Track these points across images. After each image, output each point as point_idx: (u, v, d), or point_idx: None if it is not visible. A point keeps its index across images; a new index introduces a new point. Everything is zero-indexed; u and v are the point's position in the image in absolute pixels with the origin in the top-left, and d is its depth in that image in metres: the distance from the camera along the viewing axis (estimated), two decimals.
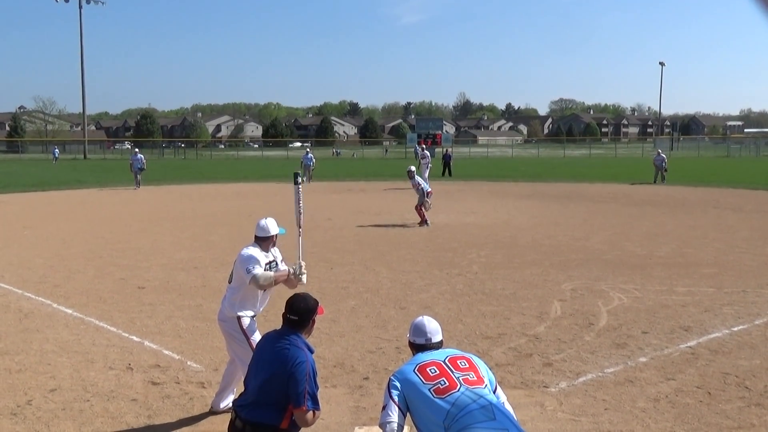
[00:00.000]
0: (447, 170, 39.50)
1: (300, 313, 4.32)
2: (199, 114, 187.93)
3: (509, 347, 7.87)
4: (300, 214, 6.09)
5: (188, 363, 7.39)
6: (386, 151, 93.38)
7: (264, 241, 6.07)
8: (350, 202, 25.45)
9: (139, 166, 32.06)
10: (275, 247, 6.22)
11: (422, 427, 3.83)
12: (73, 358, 7.54)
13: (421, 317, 4.33)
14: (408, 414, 3.92)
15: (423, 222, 18.43)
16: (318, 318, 4.45)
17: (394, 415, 3.84)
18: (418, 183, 18.86)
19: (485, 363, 4.14)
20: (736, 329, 8.48)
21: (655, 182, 33.85)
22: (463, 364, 3.95)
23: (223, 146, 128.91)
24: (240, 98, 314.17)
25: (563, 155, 77.20)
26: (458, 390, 3.79)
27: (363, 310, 9.56)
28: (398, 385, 3.92)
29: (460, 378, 3.85)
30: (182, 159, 76.68)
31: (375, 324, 8.89)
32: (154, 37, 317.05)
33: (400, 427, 3.84)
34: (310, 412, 4.12)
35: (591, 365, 7.23)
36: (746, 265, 12.74)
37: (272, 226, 6.11)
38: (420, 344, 4.19)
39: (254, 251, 5.96)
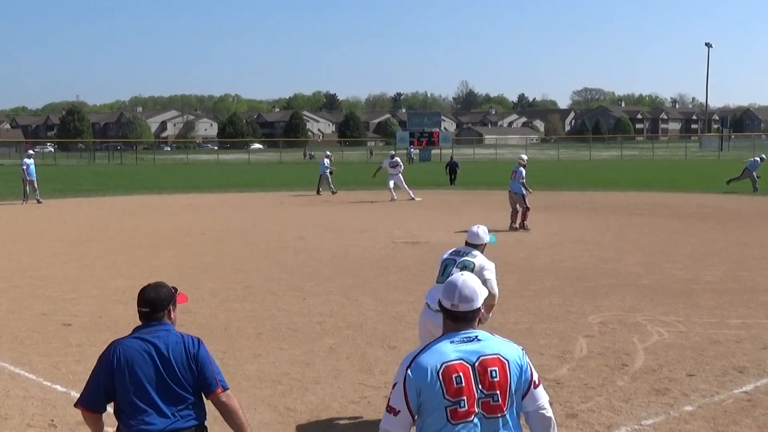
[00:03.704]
0: (453, 179, 40.34)
1: (150, 303, 4.59)
2: (140, 109, 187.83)
3: None
4: None
5: None
6: (371, 153, 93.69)
7: (476, 248, 7.48)
8: (327, 217, 25.47)
9: (32, 176, 31.34)
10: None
11: None
12: None
13: (457, 275, 4.23)
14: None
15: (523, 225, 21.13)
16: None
17: (405, 425, 3.88)
18: (522, 175, 21.37)
19: (524, 358, 4.03)
20: None
21: (756, 190, 33.00)
22: (494, 374, 3.88)
23: (169, 148, 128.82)
24: (190, 89, 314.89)
25: (589, 157, 77.65)
26: (472, 420, 3.81)
27: (343, 351, 9.54)
28: (417, 387, 3.87)
29: (481, 401, 3.84)
30: (119, 164, 76.51)
31: (358, 367, 8.87)
32: (82, 15, 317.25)
33: None
34: (229, 393, 4.57)
35: (625, 416, 7.25)
36: None
37: (483, 234, 7.54)
38: (446, 308, 4.09)
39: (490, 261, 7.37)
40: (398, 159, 32.93)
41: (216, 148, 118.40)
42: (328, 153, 36.98)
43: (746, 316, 11.11)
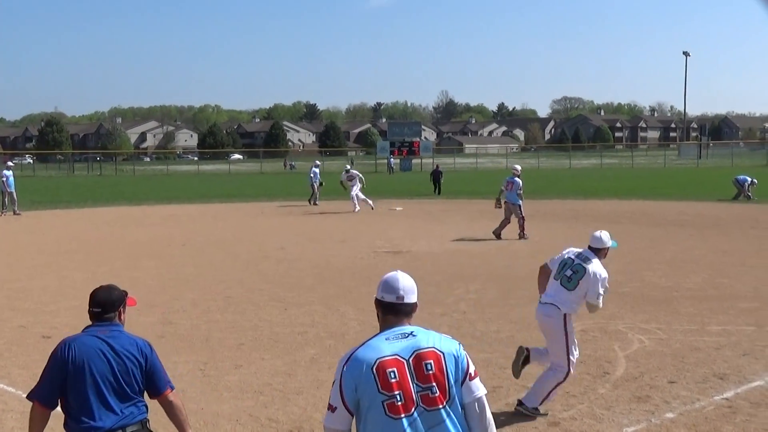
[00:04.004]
0: (437, 187, 40.42)
1: (102, 304, 4.92)
2: (119, 119, 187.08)
3: (506, 403, 7.88)
4: None
5: None
6: (352, 162, 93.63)
7: (599, 252, 7.96)
8: (308, 227, 25.44)
9: (11, 188, 31.22)
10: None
11: None
12: None
13: (394, 272, 4.34)
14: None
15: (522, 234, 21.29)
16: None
17: (344, 422, 3.96)
18: (519, 185, 21.50)
19: (460, 350, 4.04)
20: None
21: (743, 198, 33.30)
22: (429, 367, 3.92)
23: (149, 159, 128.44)
24: (170, 100, 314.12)
25: (569, 166, 78.02)
26: (412, 414, 3.83)
27: (325, 361, 9.51)
28: (353, 383, 3.95)
29: (419, 394, 3.87)
30: (98, 175, 76.09)
31: None
32: (60, 25, 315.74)
33: None
34: (176, 392, 4.89)
35: (607, 424, 7.28)
36: None
37: (606, 238, 8.03)
38: (389, 303, 4.20)
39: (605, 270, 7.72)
40: (354, 172, 32.79)
41: (196, 158, 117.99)
42: (318, 163, 37.02)
43: (726, 322, 11.19)
